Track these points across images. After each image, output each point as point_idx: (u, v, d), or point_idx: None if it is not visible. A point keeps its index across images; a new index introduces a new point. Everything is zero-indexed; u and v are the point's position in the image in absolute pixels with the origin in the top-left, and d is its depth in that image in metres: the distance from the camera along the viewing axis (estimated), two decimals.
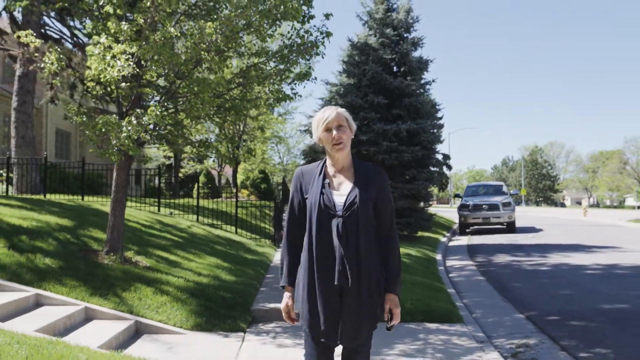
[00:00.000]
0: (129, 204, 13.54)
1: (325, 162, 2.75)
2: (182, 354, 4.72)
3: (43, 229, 7.71)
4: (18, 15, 17.64)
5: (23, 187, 16.00)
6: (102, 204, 13.19)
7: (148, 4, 5.64)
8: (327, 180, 2.67)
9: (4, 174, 16.82)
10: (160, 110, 5.87)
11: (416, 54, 17.15)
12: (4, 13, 17.86)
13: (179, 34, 5.98)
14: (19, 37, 6.40)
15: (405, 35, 17.20)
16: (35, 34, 6.43)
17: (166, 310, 5.87)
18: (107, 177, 19.55)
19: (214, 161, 35.29)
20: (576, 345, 5.51)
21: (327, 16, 7.42)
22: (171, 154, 29.45)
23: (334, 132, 2.62)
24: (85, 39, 17.13)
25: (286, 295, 2.70)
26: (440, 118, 55.23)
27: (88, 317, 5.54)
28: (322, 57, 7.36)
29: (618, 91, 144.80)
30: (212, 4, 7.15)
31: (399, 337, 5.52)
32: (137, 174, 24.27)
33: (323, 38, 7.10)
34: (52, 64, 6.18)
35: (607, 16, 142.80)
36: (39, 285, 5.75)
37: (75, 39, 17.66)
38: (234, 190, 21.02)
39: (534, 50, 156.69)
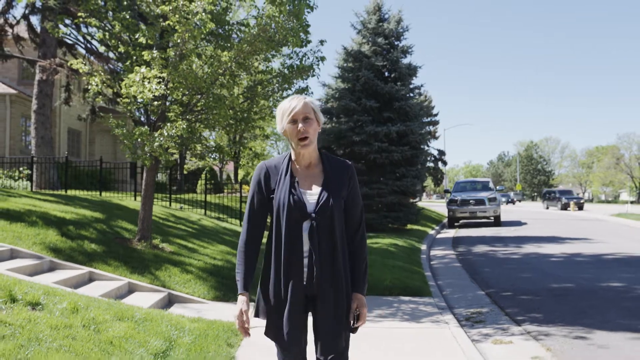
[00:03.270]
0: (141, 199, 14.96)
1: (290, 156, 2.53)
2: (209, 315, 6.14)
3: (82, 220, 9.15)
4: (36, 24, 19.04)
5: (42, 183, 17.41)
6: (120, 199, 14.62)
7: (178, 40, 7.06)
8: (296, 179, 2.45)
9: (24, 171, 18.25)
10: (186, 124, 7.29)
11: (405, 60, 18.60)
12: (22, 20, 19.23)
13: (201, 63, 7.39)
14: (71, 64, 7.81)
15: (395, 43, 18.64)
16: (83, 61, 7.84)
17: (191, 285, 7.31)
18: (116, 174, 20.96)
19: (215, 158, 36.64)
20: (517, 312, 6.97)
21: (321, 42, 8.86)
22: (175, 152, 30.80)
23: (300, 125, 2.40)
24: (97, 44, 18.54)
25: (241, 299, 2.45)
26: (436, 115, 56.30)
27: (131, 289, 6.97)
28: (317, 78, 8.78)
29: (613, 87, 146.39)
30: (225, 33, 8.55)
31: (377, 306, 6.98)
32: (143, 170, 25.70)
33: (318, 62, 8.52)
34: (97, 85, 7.61)
35: (603, 12, 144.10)
36: (90, 265, 7.19)
37: (89, 45, 19.06)
38: (237, 186, 22.45)
39: (531, 46, 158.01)
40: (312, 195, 2.43)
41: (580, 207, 41.33)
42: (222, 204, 17.97)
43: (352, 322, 2.46)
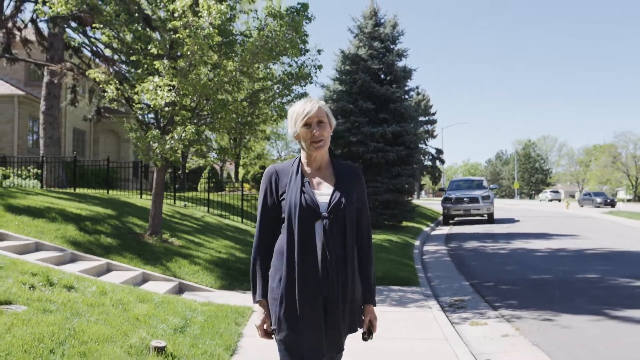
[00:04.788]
0: (147, 197, 15.65)
1: (300, 160, 2.52)
2: (217, 301, 6.82)
3: (96, 216, 9.85)
4: (43, 27, 19.72)
5: (51, 182, 18.09)
6: (127, 197, 15.31)
7: (188, 53, 7.75)
8: (306, 179, 2.45)
9: (32, 170, 18.94)
10: (195, 128, 7.99)
11: (400, 64, 19.33)
12: (30, 24, 19.90)
13: (207, 71, 8.08)
14: (89, 74, 8.51)
15: (391, 47, 19.36)
16: (98, 69, 8.53)
17: (199, 276, 8.01)
18: (120, 173, 21.68)
19: (217, 157, 37.29)
20: (496, 299, 7.68)
21: (319, 52, 9.56)
22: (179, 153, 31.43)
23: (314, 130, 2.40)
24: (102, 47, 19.23)
25: (261, 310, 2.42)
26: (434, 114, 56.37)
27: (145, 279, 7.67)
28: (315, 85, 9.47)
29: (610, 86, 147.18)
30: (228, 41, 9.23)
31: None
32: (146, 170, 26.39)
33: (315, 70, 9.21)
34: (112, 92, 8.31)
35: (600, 14, 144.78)
36: (107, 257, 7.89)
37: (94, 47, 19.73)
38: (237, 185, 23.13)
39: (529, 47, 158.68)
40: (324, 195, 2.43)
41: None
42: (224, 202, 18.65)
43: (365, 335, 2.46)
